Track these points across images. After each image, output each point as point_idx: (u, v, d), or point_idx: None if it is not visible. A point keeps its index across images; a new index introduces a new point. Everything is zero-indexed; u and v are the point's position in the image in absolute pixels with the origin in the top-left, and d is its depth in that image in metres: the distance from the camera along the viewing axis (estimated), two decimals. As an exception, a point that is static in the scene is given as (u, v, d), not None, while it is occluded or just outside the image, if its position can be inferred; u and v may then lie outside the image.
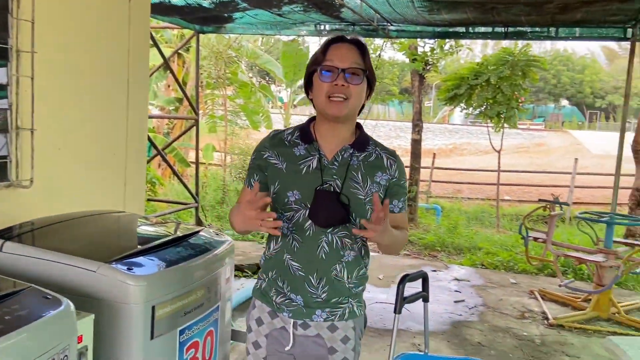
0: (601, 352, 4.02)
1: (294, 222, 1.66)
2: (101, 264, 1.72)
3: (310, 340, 1.69)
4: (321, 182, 1.63)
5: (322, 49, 1.66)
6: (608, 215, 4.79)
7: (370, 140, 1.74)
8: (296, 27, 6.49)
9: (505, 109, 9.03)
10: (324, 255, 1.64)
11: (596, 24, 5.58)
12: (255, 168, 1.74)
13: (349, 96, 1.60)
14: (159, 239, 2.04)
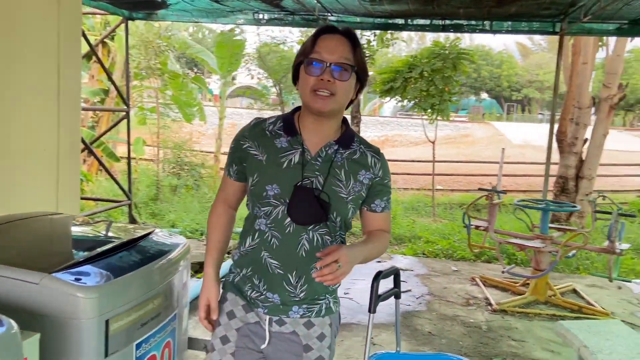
0: (544, 334, 4.19)
1: (273, 219, 1.57)
2: (44, 274, 1.51)
3: (285, 337, 1.63)
4: (301, 177, 1.55)
5: (311, 39, 1.56)
6: (544, 203, 4.99)
7: (356, 137, 1.67)
8: (233, 16, 6.26)
9: (439, 101, 9.23)
10: (304, 254, 1.57)
11: (528, 18, 5.78)
12: (234, 158, 1.66)
13: (335, 92, 1.52)
14: (106, 243, 1.83)
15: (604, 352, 2.65)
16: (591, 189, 8.45)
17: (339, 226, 1.63)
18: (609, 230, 4.25)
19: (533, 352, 3.85)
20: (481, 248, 5.61)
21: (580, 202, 8.04)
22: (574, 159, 8.34)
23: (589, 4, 4.97)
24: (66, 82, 2.71)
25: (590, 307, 4.74)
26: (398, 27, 6.30)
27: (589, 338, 2.83)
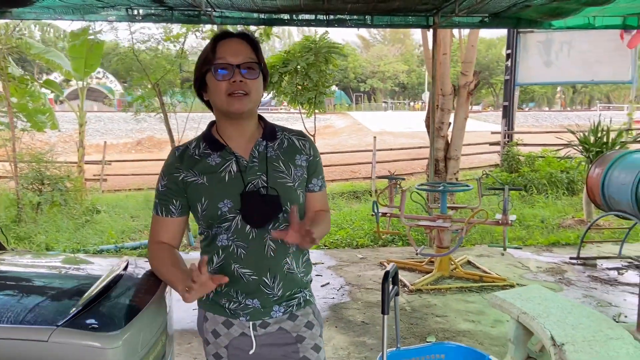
0: (460, 306, 4.52)
1: (233, 231, 1.58)
2: (53, 328, 1.24)
3: (273, 336, 1.64)
4: (244, 184, 1.58)
5: (211, 47, 1.58)
6: (441, 185, 5.37)
7: (277, 127, 1.72)
8: (104, 12, 5.70)
9: (315, 94, 9.40)
10: (272, 253, 1.59)
11: (405, 13, 6.14)
12: (171, 194, 1.62)
13: (248, 91, 1.56)
14: (89, 282, 1.55)
15: (542, 316, 2.93)
16: (457, 168, 9.31)
17: (297, 215, 1.63)
18: (504, 204, 4.71)
19: (457, 324, 4.14)
20: (387, 233, 5.86)
21: (450, 179, 8.82)
22: (442, 142, 9.08)
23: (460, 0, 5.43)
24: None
25: (488, 275, 5.23)
26: (283, 22, 6.27)
27: (524, 305, 3.11)
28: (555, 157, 10.88)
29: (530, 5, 5.49)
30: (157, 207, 1.65)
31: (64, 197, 8.30)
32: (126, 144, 23.94)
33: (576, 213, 8.52)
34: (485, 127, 23.18)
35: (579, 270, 5.57)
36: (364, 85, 59.54)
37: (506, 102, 12.77)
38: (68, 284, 1.58)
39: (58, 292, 1.49)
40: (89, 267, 1.73)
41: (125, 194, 10.92)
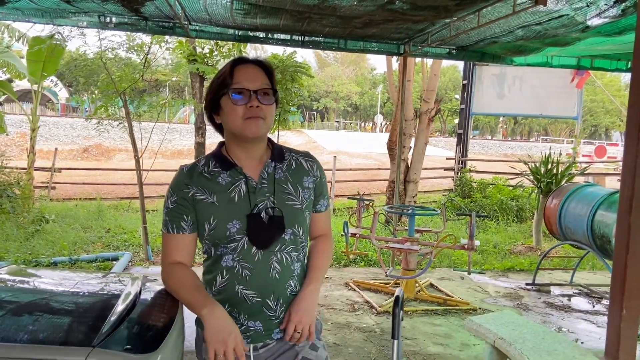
0: (427, 329, 4.62)
1: (239, 252, 1.59)
2: (89, 349, 1.19)
3: (272, 349, 1.66)
4: (250, 206, 1.61)
5: (228, 72, 1.63)
6: (410, 209, 5.50)
7: (284, 149, 1.77)
8: (75, 17, 5.53)
9: (280, 112, 9.46)
10: (277, 275, 1.61)
11: (378, 40, 6.31)
12: (181, 211, 1.62)
13: (264, 117, 1.61)
14: (109, 300, 1.51)
15: (518, 342, 3.05)
16: (416, 191, 9.57)
17: (303, 237, 1.70)
18: (470, 230, 4.88)
19: (427, 347, 4.22)
20: (355, 254, 5.92)
21: (409, 203, 9.04)
22: (402, 165, 9.31)
23: (434, 31, 5.64)
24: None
25: (451, 298, 5.38)
26: (259, 40, 6.28)
27: (500, 330, 3.23)
28: (506, 185, 11.37)
29: (497, 42, 5.78)
30: (167, 225, 1.63)
31: (12, 205, 7.88)
32: (72, 150, 23.03)
33: (525, 240, 8.92)
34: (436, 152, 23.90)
35: (535, 295, 5.82)
36: (317, 104, 60.16)
37: (461, 129, 13.26)
38: (89, 302, 1.52)
39: (83, 311, 1.43)
40: (102, 285, 1.68)
41: (75, 203, 10.48)
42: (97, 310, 1.42)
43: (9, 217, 7.74)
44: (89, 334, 1.28)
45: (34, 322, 1.34)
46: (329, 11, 4.76)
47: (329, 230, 1.85)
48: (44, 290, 1.58)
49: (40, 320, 1.34)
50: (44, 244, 7.06)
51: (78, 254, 6.77)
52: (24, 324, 1.34)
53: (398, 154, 7.07)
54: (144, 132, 7.41)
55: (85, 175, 13.71)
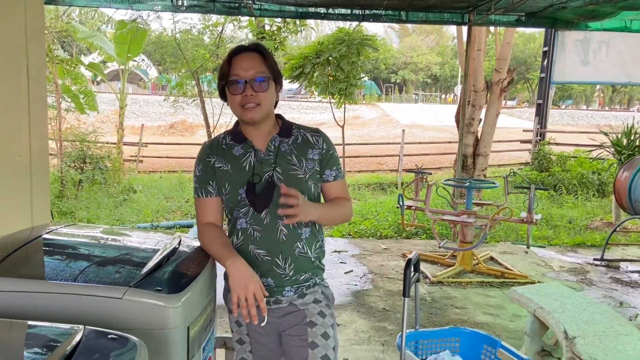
0: (480, 300, 4.66)
1: (251, 215, 1.79)
2: (125, 288, 1.46)
3: (284, 310, 1.84)
4: (252, 174, 1.79)
5: (226, 62, 1.80)
6: (467, 181, 5.48)
7: (294, 125, 1.92)
8: (151, 2, 5.97)
9: (346, 85, 9.54)
10: (284, 237, 1.79)
11: (440, 10, 6.22)
12: (207, 177, 1.85)
13: (259, 102, 1.76)
14: (150, 253, 1.78)
15: (557, 311, 3.07)
16: (486, 164, 9.34)
17: None
18: (529, 203, 4.81)
19: (476, 317, 4.29)
20: (412, 226, 6.02)
21: (478, 176, 8.88)
22: (471, 138, 9.12)
23: (496, -2, 5.50)
24: (34, 82, 2.48)
25: (510, 271, 5.34)
26: (319, 15, 6.43)
27: (541, 300, 3.25)
28: (587, 158, 10.79)
29: (567, 7, 5.52)
30: (197, 191, 1.87)
31: (104, 176, 8.69)
32: (160, 126, 24.49)
33: (605, 215, 8.49)
34: (518, 124, 22.88)
35: (602, 271, 5.63)
36: (395, 77, 59.02)
37: (540, 100, 12.65)
38: (133, 253, 1.81)
39: (126, 260, 1.73)
40: (148, 241, 1.97)
41: (160, 175, 11.30)
42: (139, 259, 1.70)
43: (100, 187, 8.55)
44: (128, 277, 1.56)
45: (88, 266, 1.64)
46: (383, -16, 4.80)
47: (347, 196, 1.98)
48: (100, 243, 1.90)
49: (93, 265, 1.64)
50: (130, 212, 7.77)
51: (159, 221, 7.40)
52: (80, 267, 1.65)
53: (461, 127, 6.99)
54: (216, 109, 7.86)
55: (169, 150, 14.66)
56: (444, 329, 2.46)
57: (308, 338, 1.82)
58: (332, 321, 1.91)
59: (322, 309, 1.87)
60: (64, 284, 1.50)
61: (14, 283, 1.49)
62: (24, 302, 1.46)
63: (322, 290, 1.90)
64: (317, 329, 1.83)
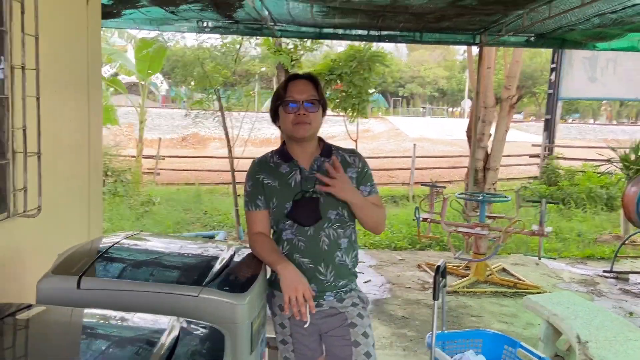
0: (494, 309, 4.87)
1: (296, 227, 2.03)
2: (200, 288, 1.71)
3: (325, 312, 2.06)
4: (300, 190, 2.03)
5: (282, 86, 2.06)
6: (481, 195, 5.72)
7: (333, 147, 2.16)
8: (178, 24, 6.28)
9: (358, 101, 9.82)
10: (326, 247, 2.02)
11: (454, 31, 6.49)
12: (256, 192, 2.08)
13: (310, 122, 2.01)
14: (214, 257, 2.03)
15: (570, 318, 3.28)
16: (496, 178, 9.56)
17: (347, 218, 2.08)
18: (541, 216, 5.03)
19: (491, 324, 4.50)
20: (426, 238, 6.25)
21: (488, 190, 9.10)
22: (482, 153, 9.35)
23: (508, 21, 5.75)
24: (93, 103, 2.75)
25: (522, 282, 5.55)
26: (337, 36, 6.72)
27: (554, 308, 3.47)
28: (595, 173, 10.98)
29: (575, 29, 5.77)
30: (247, 205, 2.12)
31: (125, 189, 8.99)
32: (172, 139, 24.88)
33: (613, 229, 8.67)
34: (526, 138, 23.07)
35: (611, 283, 5.82)
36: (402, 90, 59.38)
37: (548, 115, 12.89)
38: (199, 258, 2.06)
39: (195, 263, 1.98)
40: (208, 248, 2.22)
41: (177, 187, 11.60)
42: (205, 263, 1.95)
43: (122, 199, 8.85)
44: (201, 277, 1.81)
45: (164, 269, 1.90)
46: (401, 9, 5.08)
47: (380, 205, 2.18)
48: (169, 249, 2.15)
49: (168, 268, 1.90)
50: (152, 223, 8.05)
51: (181, 232, 7.67)
52: (157, 270, 1.90)
53: (473, 142, 7.24)
54: (235, 122, 8.15)
55: (185, 162, 14.98)
56: (468, 331, 2.69)
57: (351, 337, 2.05)
58: (369, 322, 2.13)
59: (360, 311, 2.09)
60: (149, 283, 1.75)
61: (106, 282, 1.74)
62: (115, 299, 1.71)
63: (358, 295, 2.12)
64: (357, 329, 2.06)
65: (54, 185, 2.34)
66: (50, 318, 1.51)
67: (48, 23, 2.20)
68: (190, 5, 5.10)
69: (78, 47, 2.65)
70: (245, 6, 5.17)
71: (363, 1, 4.79)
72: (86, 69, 2.71)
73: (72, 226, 2.70)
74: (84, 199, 2.75)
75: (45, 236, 2.31)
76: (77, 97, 2.67)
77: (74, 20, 2.60)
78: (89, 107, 2.76)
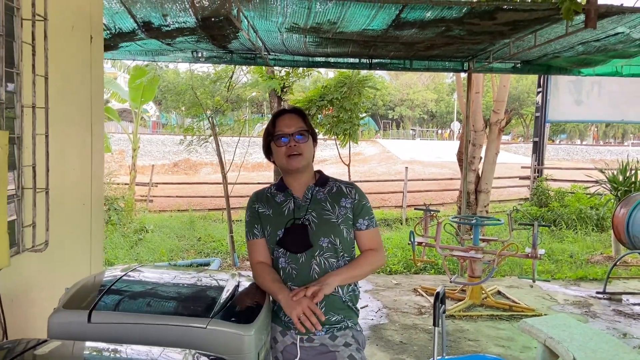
0: (491, 332, 4.91)
1: (288, 255, 2.06)
2: (208, 319, 1.75)
3: (316, 349, 2.05)
4: (293, 219, 2.07)
5: (271, 123, 2.12)
6: (474, 218, 5.80)
7: (330, 178, 2.20)
8: (173, 54, 6.39)
9: (349, 125, 9.96)
10: (316, 275, 2.03)
11: (443, 59, 6.66)
12: (253, 221, 2.14)
13: (301, 152, 2.06)
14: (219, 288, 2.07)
15: (566, 341, 3.34)
16: (488, 201, 9.68)
17: (341, 248, 2.08)
18: (533, 239, 5.11)
19: (489, 348, 4.52)
20: (422, 262, 6.30)
21: (480, 212, 9.20)
22: (472, 175, 9.48)
23: (495, 49, 5.93)
24: (96, 136, 2.82)
25: (517, 305, 5.60)
26: (329, 65, 6.87)
27: (551, 331, 3.52)
28: (585, 194, 11.14)
29: (560, 56, 5.96)
30: (247, 235, 2.17)
31: (118, 217, 8.98)
32: (163, 165, 24.90)
33: (605, 249, 8.77)
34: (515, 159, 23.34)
35: (605, 304, 5.89)
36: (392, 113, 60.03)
37: (536, 137, 13.11)
38: (205, 289, 2.10)
39: (201, 295, 2.02)
40: (212, 278, 2.26)
41: (169, 214, 11.58)
42: (212, 294, 1.99)
43: (115, 227, 8.83)
44: (208, 309, 1.85)
45: (171, 301, 1.94)
46: (392, 39, 5.22)
47: (377, 246, 2.15)
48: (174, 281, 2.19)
49: (175, 300, 1.94)
50: (146, 251, 8.02)
51: (175, 260, 7.65)
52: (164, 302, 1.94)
53: (464, 166, 7.35)
54: (227, 147, 8.22)
55: (177, 189, 14.98)
56: (468, 356, 2.73)
57: None
58: None
59: (352, 352, 2.03)
60: (157, 315, 1.78)
61: (116, 316, 1.77)
62: (126, 332, 1.74)
63: (353, 334, 2.06)
64: None
65: (59, 220, 2.37)
66: (66, 352, 1.54)
67: (56, 63, 2.27)
68: (187, 37, 5.21)
69: (83, 84, 2.72)
70: (240, 37, 5.29)
71: (355, 32, 4.93)
72: (90, 104, 2.78)
73: (76, 260, 2.74)
74: (86, 232, 2.79)
75: (51, 270, 2.34)
76: (82, 133, 2.73)
77: (80, 58, 2.68)
78: (92, 142, 2.82)
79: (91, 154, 2.81)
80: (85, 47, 2.73)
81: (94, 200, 2.85)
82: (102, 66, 2.99)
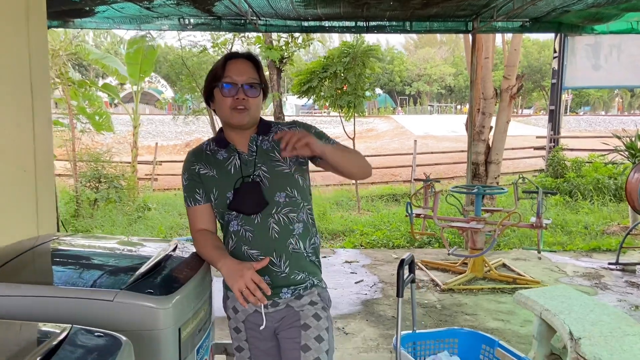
0: (490, 306, 4.62)
1: (242, 217, 1.81)
2: (116, 291, 1.51)
3: (281, 313, 1.84)
4: (241, 176, 1.81)
5: (220, 65, 1.81)
6: (476, 188, 5.46)
7: (272, 123, 1.93)
8: (158, 21, 6.12)
9: (354, 98, 9.59)
10: (276, 235, 1.80)
11: (444, 19, 6.26)
12: (193, 185, 1.86)
13: (249, 107, 1.79)
14: (144, 258, 1.83)
15: (564, 313, 3.04)
16: (498, 172, 9.28)
17: (300, 198, 1.85)
18: (537, 207, 4.77)
19: (486, 322, 4.25)
20: (422, 234, 6.00)
21: (491, 184, 8.82)
22: (482, 146, 9.07)
23: (499, 5, 5.51)
24: (39, 100, 2.58)
25: (521, 277, 5.29)
26: (324, 29, 6.52)
27: (547, 303, 3.22)
28: (602, 163, 10.65)
29: (570, 11, 5.52)
30: (186, 200, 1.89)
31: (119, 195, 8.84)
32: (175, 145, 24.83)
33: (622, 220, 8.35)
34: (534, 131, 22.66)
35: (617, 275, 5.54)
36: (409, 89, 59.05)
37: (552, 105, 12.56)
38: (127, 259, 1.87)
39: (119, 265, 1.79)
40: (144, 247, 2.03)
41: (174, 192, 11.44)
42: (133, 263, 1.76)
43: (115, 205, 8.70)
44: (120, 280, 1.61)
45: (83, 272, 1.70)
46: (383, -5, 4.87)
47: None
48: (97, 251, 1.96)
49: (88, 271, 1.70)
50: (144, 228, 7.88)
51: (172, 237, 7.49)
52: (75, 273, 1.71)
53: (469, 134, 6.97)
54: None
55: (184, 167, 14.83)
56: (441, 330, 2.46)
57: (301, 341, 1.80)
58: (328, 324, 1.88)
59: (317, 311, 1.85)
60: (58, 288, 1.56)
61: (10, 288, 1.54)
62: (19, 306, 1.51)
63: (318, 292, 1.89)
64: (310, 331, 1.82)
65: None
66: None
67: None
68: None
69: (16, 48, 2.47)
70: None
71: (342, -13, 4.59)
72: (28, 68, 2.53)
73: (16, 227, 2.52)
74: (31, 200, 2.56)
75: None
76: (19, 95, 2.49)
77: (14, 6, 2.42)
78: (33, 107, 2.57)
79: (32, 119, 2.57)
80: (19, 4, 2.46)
81: (40, 166, 2.62)
82: (44, 17, 2.72)
